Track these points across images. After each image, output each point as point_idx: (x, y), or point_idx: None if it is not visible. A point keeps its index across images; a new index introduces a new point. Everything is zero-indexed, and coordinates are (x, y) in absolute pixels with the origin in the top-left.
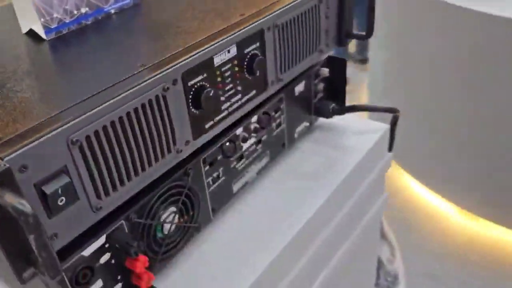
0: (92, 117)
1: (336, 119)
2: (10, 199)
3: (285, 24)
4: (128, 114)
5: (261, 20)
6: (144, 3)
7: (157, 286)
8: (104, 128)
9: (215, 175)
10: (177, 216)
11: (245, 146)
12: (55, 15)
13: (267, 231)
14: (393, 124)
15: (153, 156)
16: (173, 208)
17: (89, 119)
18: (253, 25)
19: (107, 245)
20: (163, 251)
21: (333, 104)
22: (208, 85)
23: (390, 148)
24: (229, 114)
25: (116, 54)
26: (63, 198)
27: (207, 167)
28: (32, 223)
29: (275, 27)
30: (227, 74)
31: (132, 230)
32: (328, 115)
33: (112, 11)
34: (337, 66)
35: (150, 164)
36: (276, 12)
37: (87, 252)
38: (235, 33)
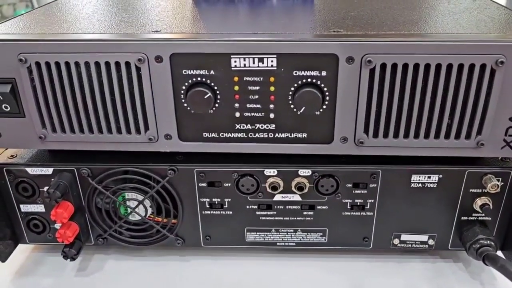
0: (48, 47)
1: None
2: None
3: (388, 66)
4: (96, 64)
5: (336, 42)
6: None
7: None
8: (57, 64)
9: (215, 200)
10: (145, 208)
11: (277, 196)
12: None
13: None
14: None
15: (115, 125)
16: (139, 196)
17: (45, 47)
18: (318, 43)
19: (52, 179)
20: (117, 230)
21: (491, 243)
22: (211, 84)
23: None
24: (248, 140)
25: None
26: (7, 105)
27: (203, 184)
28: None
29: (365, 62)
30: (252, 88)
31: (85, 185)
32: (471, 254)
33: None
34: None
35: (109, 131)
36: (374, 43)
37: (32, 171)
38: (278, 42)
